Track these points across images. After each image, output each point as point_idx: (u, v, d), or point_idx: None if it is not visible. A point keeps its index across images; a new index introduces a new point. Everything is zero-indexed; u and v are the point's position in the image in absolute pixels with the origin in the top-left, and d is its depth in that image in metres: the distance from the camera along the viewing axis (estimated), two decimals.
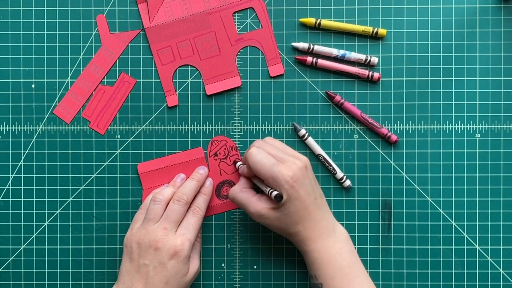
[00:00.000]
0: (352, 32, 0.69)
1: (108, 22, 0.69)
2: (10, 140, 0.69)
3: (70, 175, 0.69)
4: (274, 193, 0.59)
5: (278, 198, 0.59)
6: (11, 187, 0.69)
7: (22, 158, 0.69)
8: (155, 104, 0.69)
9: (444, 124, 0.69)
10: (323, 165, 0.69)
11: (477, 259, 0.68)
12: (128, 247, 0.63)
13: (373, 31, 0.68)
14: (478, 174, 0.69)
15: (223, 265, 0.69)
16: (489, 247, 0.68)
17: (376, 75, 0.68)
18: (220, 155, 0.69)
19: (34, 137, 0.69)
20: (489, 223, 0.68)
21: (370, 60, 0.68)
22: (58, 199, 0.69)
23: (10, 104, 0.69)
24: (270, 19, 0.69)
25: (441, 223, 0.69)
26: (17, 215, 0.69)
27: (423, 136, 0.69)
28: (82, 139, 0.69)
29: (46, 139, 0.69)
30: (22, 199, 0.69)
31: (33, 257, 0.69)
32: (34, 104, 0.69)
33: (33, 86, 0.69)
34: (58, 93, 0.69)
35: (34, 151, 0.69)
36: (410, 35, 0.69)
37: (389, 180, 0.69)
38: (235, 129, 0.69)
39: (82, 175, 0.69)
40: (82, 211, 0.69)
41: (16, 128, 0.69)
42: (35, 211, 0.69)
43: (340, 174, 0.68)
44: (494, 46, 0.69)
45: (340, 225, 0.64)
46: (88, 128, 0.69)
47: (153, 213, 0.63)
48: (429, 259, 0.69)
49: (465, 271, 0.68)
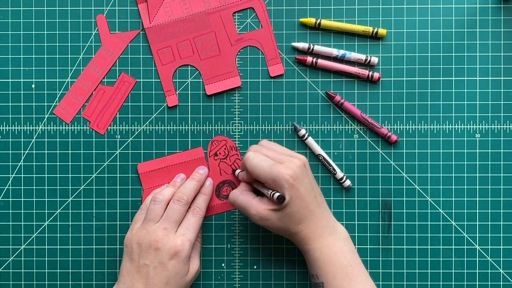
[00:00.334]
0: (352, 32, 0.69)
1: (108, 22, 0.69)
2: (10, 140, 0.69)
3: (70, 175, 0.69)
4: (277, 195, 0.59)
5: (281, 199, 0.59)
6: (11, 187, 0.69)
7: (22, 158, 0.69)
8: (155, 104, 0.69)
9: (444, 124, 0.69)
10: (323, 165, 0.69)
11: (477, 259, 0.68)
12: (128, 247, 0.63)
13: (373, 31, 0.68)
14: (478, 174, 0.69)
15: (223, 265, 0.69)
16: (489, 247, 0.68)
17: (376, 75, 0.68)
18: (220, 155, 0.69)
19: (34, 137, 0.69)
20: (489, 223, 0.68)
21: (370, 60, 0.68)
22: (58, 199, 0.69)
23: (10, 104, 0.69)
24: (270, 19, 0.69)
25: (441, 223, 0.69)
26: (17, 215, 0.69)
27: (423, 136, 0.69)
28: (82, 139, 0.69)
29: (46, 139, 0.69)
30: (22, 199, 0.69)
31: (33, 257, 0.69)
32: (34, 104, 0.69)
33: (33, 86, 0.69)
34: (58, 93, 0.69)
35: (34, 151, 0.69)
36: (410, 35, 0.69)
37: (389, 180, 0.69)
38: (235, 129, 0.69)
39: (82, 175, 0.69)
40: (82, 211, 0.69)
41: (16, 128, 0.69)
42: (35, 211, 0.69)
43: (340, 174, 0.68)
44: (494, 46, 0.69)
45: (340, 224, 0.64)
46: (88, 128, 0.69)
47: (153, 213, 0.63)
48: (429, 259, 0.69)
49: (465, 271, 0.68)
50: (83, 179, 0.69)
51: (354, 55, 0.68)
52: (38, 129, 0.69)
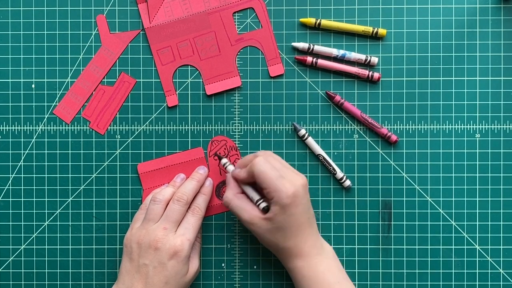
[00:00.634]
0: (352, 32, 0.69)
1: (108, 22, 0.69)
2: (10, 140, 0.69)
3: (70, 175, 0.69)
4: (263, 205, 0.61)
5: (265, 209, 0.61)
6: (11, 187, 0.69)
7: (22, 158, 0.69)
8: (155, 104, 0.69)
9: (444, 124, 0.69)
10: (323, 165, 0.69)
11: (477, 259, 0.68)
12: (128, 247, 0.63)
13: (373, 31, 0.68)
14: (478, 174, 0.69)
15: (223, 265, 0.69)
16: (489, 247, 0.68)
17: (376, 75, 0.68)
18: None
19: (34, 137, 0.69)
20: (489, 223, 0.68)
21: (370, 60, 0.68)
22: (58, 199, 0.69)
23: (10, 104, 0.69)
24: (270, 19, 0.69)
25: (441, 223, 0.69)
26: (17, 215, 0.69)
27: (423, 136, 0.69)
28: (82, 139, 0.69)
29: (46, 139, 0.69)
30: (22, 199, 0.69)
31: (33, 257, 0.69)
32: (34, 104, 0.69)
33: (33, 86, 0.69)
34: (58, 93, 0.69)
35: (34, 151, 0.69)
36: (410, 35, 0.69)
37: (389, 180, 0.69)
38: (235, 129, 0.69)
39: (82, 175, 0.69)
40: (82, 211, 0.69)
41: (16, 128, 0.69)
42: (35, 211, 0.69)
43: (340, 174, 0.68)
44: (494, 46, 0.69)
45: (327, 242, 0.64)
46: (88, 128, 0.69)
47: (153, 213, 0.64)
48: (429, 259, 0.69)
49: (465, 271, 0.68)
50: (83, 179, 0.69)
51: (354, 55, 0.68)
52: (38, 129, 0.69)
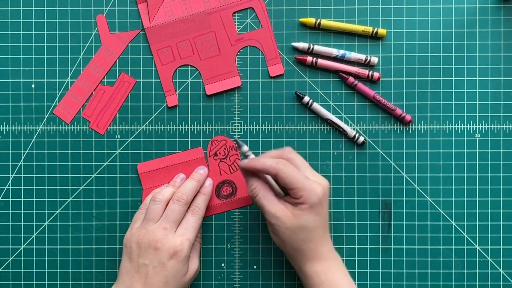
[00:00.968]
0: (352, 32, 0.69)
1: (108, 22, 0.69)
2: (10, 140, 0.69)
3: (70, 175, 0.69)
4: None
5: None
6: (11, 187, 0.69)
7: (22, 158, 0.69)
8: (155, 104, 0.69)
9: (444, 124, 0.69)
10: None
11: (477, 259, 0.68)
12: (127, 247, 0.63)
13: (373, 31, 0.68)
14: (478, 174, 0.68)
15: (223, 265, 0.69)
16: (489, 247, 0.68)
17: (376, 75, 0.68)
18: (220, 155, 0.69)
19: (34, 137, 0.69)
20: (489, 223, 0.68)
21: (370, 60, 0.68)
22: (58, 199, 0.69)
23: (10, 104, 0.69)
24: (270, 19, 0.69)
25: (441, 223, 0.69)
26: (17, 215, 0.69)
27: (423, 136, 0.69)
28: (82, 139, 0.69)
29: (46, 139, 0.69)
30: (22, 199, 0.69)
31: (33, 257, 0.69)
32: (34, 104, 0.69)
33: (33, 86, 0.69)
34: (58, 93, 0.69)
35: (34, 151, 0.69)
36: (410, 35, 0.69)
37: (389, 180, 0.69)
38: (235, 129, 0.69)
39: (82, 175, 0.69)
40: (82, 211, 0.69)
41: (16, 128, 0.69)
42: (35, 211, 0.69)
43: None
44: (494, 46, 0.69)
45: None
46: (88, 128, 0.69)
47: (153, 213, 0.64)
48: (429, 259, 0.69)
49: (465, 271, 0.68)
50: (83, 179, 0.69)
51: (354, 55, 0.68)
52: (38, 129, 0.69)
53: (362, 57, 0.68)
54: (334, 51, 0.68)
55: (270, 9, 0.69)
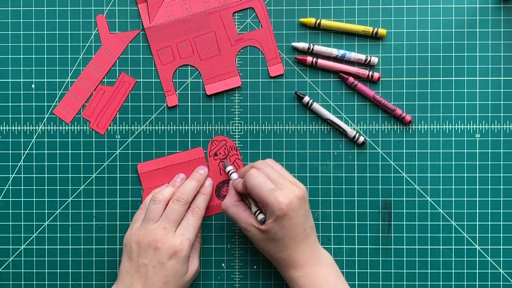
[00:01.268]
0: (352, 32, 0.69)
1: (108, 22, 0.69)
2: (10, 140, 0.69)
3: (70, 175, 0.69)
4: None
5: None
6: (11, 187, 0.69)
7: (22, 158, 0.69)
8: (155, 104, 0.69)
9: (444, 124, 0.69)
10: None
11: (477, 259, 0.68)
12: (127, 246, 0.63)
13: (373, 31, 0.68)
14: (478, 174, 0.68)
15: (223, 265, 0.69)
16: (489, 247, 0.68)
17: (376, 75, 0.68)
18: (220, 155, 0.69)
19: (34, 137, 0.69)
20: (489, 223, 0.68)
21: (370, 60, 0.68)
22: (58, 199, 0.69)
23: (10, 104, 0.69)
24: (270, 19, 0.69)
25: (441, 223, 0.69)
26: (17, 215, 0.69)
27: (423, 136, 0.69)
28: (82, 139, 0.69)
29: (46, 139, 0.69)
30: (22, 199, 0.69)
31: (33, 257, 0.69)
32: (34, 104, 0.69)
33: (33, 86, 0.69)
34: (58, 93, 0.69)
35: (34, 151, 0.69)
36: (410, 35, 0.69)
37: (389, 180, 0.69)
38: (235, 129, 0.69)
39: (82, 175, 0.69)
40: (82, 211, 0.69)
41: (16, 128, 0.69)
42: (35, 211, 0.69)
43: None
44: (494, 46, 0.69)
45: (326, 251, 0.64)
46: (88, 128, 0.69)
47: (153, 212, 0.64)
48: (429, 259, 0.69)
49: (465, 271, 0.68)
50: (83, 179, 0.69)
51: (354, 55, 0.68)
52: (38, 129, 0.69)
53: (362, 57, 0.68)
54: (334, 51, 0.68)
55: (270, 9, 0.69)
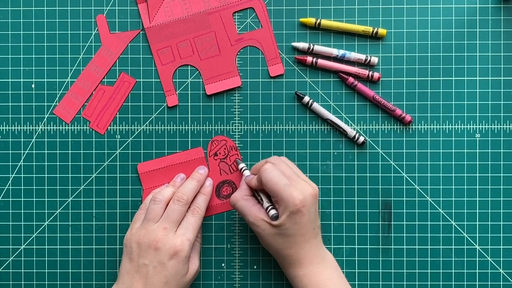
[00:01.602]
0: (352, 32, 0.69)
1: (108, 22, 0.69)
2: (10, 140, 0.69)
3: (70, 175, 0.69)
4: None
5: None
6: (11, 187, 0.69)
7: (22, 158, 0.69)
8: (155, 104, 0.69)
9: (444, 124, 0.69)
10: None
11: (477, 259, 0.68)
12: (128, 247, 0.63)
13: (373, 31, 0.68)
14: (478, 174, 0.68)
15: (223, 265, 0.69)
16: (489, 247, 0.68)
17: (376, 75, 0.68)
18: (220, 155, 0.69)
19: (34, 137, 0.69)
20: (489, 223, 0.68)
21: (370, 60, 0.68)
22: (58, 199, 0.69)
23: (10, 104, 0.69)
24: (270, 19, 0.69)
25: (441, 223, 0.69)
26: (17, 215, 0.69)
27: (423, 136, 0.69)
28: (82, 139, 0.69)
29: (46, 139, 0.69)
30: (22, 199, 0.69)
31: (33, 257, 0.69)
32: (34, 104, 0.69)
33: (33, 86, 0.69)
34: (58, 93, 0.69)
35: (34, 151, 0.69)
36: (410, 35, 0.69)
37: (389, 180, 0.69)
38: (235, 129, 0.69)
39: (82, 175, 0.69)
40: (82, 211, 0.69)
41: (16, 128, 0.69)
42: (35, 211, 0.69)
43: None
44: (494, 46, 0.69)
45: (329, 253, 0.64)
46: (88, 128, 0.69)
47: (153, 213, 0.64)
48: (429, 259, 0.69)
49: (465, 271, 0.68)
50: (83, 179, 0.69)
51: (354, 55, 0.68)
52: (38, 129, 0.69)
53: (362, 57, 0.68)
54: (334, 51, 0.68)
55: (270, 9, 0.69)
